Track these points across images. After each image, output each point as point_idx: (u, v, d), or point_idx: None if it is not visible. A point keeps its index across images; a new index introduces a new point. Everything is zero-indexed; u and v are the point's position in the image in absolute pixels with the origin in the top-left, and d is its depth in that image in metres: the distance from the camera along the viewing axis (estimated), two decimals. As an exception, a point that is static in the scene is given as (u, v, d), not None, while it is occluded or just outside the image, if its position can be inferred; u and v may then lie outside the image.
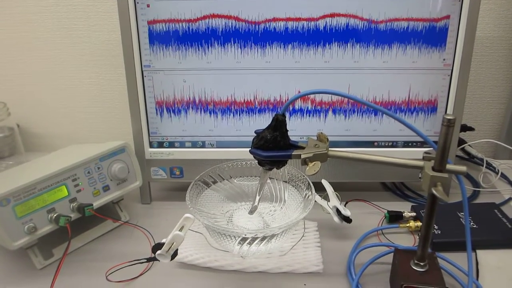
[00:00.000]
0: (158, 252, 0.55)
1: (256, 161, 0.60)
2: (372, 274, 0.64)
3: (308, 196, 0.67)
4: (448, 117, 0.49)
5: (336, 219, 0.72)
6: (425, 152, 0.55)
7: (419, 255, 0.57)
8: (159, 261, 0.56)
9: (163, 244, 0.55)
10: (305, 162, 0.56)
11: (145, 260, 0.56)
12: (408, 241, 0.72)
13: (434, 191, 0.49)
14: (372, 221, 0.77)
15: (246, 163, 0.75)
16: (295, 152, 0.57)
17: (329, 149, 0.56)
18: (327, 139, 0.59)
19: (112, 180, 0.74)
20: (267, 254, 0.67)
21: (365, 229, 0.74)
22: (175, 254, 0.56)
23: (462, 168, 0.52)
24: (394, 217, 0.76)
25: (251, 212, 0.67)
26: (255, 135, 0.60)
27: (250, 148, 0.59)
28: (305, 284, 0.63)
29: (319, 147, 0.57)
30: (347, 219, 0.71)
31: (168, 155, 0.82)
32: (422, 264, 0.56)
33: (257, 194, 0.64)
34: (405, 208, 0.78)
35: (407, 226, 0.74)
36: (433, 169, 0.51)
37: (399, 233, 0.74)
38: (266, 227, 0.70)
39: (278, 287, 0.63)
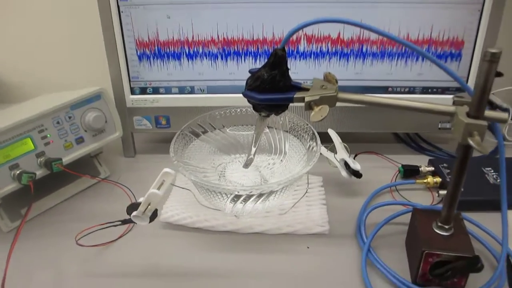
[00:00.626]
0: (134, 213, 0.46)
1: (251, 107, 0.50)
2: (384, 236, 0.56)
3: (313, 148, 0.57)
4: (492, 51, 0.39)
5: (344, 173, 0.63)
6: (456, 96, 0.45)
7: (443, 216, 0.48)
8: (135, 223, 0.48)
9: (139, 204, 0.46)
10: (309, 106, 0.46)
11: (120, 223, 0.48)
12: (425, 199, 0.63)
13: (470, 142, 0.39)
14: (385, 176, 0.68)
15: (241, 111, 0.65)
16: (297, 95, 0.47)
17: (339, 92, 0.46)
18: (336, 80, 0.49)
19: (87, 131, 0.64)
20: (265, 213, 0.59)
21: (376, 185, 0.65)
22: (154, 215, 0.47)
23: (503, 115, 0.42)
24: (410, 172, 0.68)
25: (246, 165, 0.58)
26: (250, 75, 0.50)
27: (244, 91, 0.49)
28: (308, 247, 0.55)
29: (327, 89, 0.47)
30: (357, 174, 0.62)
31: (152, 102, 0.72)
32: (447, 227, 0.48)
33: (253, 145, 0.55)
34: (421, 162, 0.69)
35: (425, 182, 0.65)
36: (468, 115, 0.41)
37: (415, 189, 0.66)
38: (263, 183, 0.61)
39: (278, 250, 0.55)
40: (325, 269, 0.52)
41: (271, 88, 0.47)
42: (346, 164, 0.63)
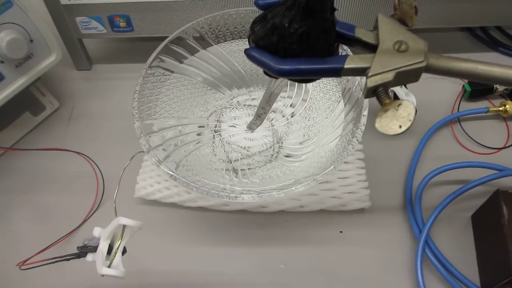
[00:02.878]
0: (91, 260, 0.30)
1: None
2: (450, 216, 0.41)
3: (349, 89, 0.37)
4: None
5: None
6: None
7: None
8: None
9: (94, 247, 0.30)
10: (376, 94, 0.25)
11: (74, 256, 0.32)
12: (500, 134, 0.46)
13: None
14: (444, 96, 0.49)
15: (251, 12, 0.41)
16: (350, 64, 0.25)
17: (433, 55, 0.24)
18: (415, 10, 0.26)
19: (4, 62, 0.42)
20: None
21: (433, 114, 0.46)
22: (124, 252, 0.31)
23: None
24: (479, 92, 0.48)
25: (251, 127, 0.38)
26: (257, 8, 0.27)
27: (247, 49, 0.26)
28: (341, 232, 0.41)
29: (408, 51, 0.24)
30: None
31: (98, -5, 0.46)
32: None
33: (260, 108, 0.34)
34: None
35: (500, 111, 0.46)
36: None
37: (488, 119, 0.47)
38: (277, 144, 0.42)
39: (297, 237, 0.41)
40: (362, 265, 0.39)
41: (300, 51, 0.25)
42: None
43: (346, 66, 0.25)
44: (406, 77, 0.25)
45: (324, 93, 0.41)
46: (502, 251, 0.34)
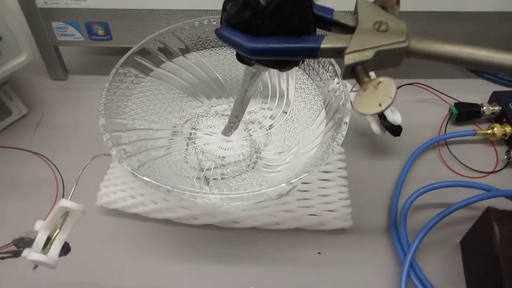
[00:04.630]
0: (29, 254, 0.26)
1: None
2: (435, 236, 0.38)
3: (335, 91, 0.35)
4: None
5: (375, 127, 0.42)
6: None
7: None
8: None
9: (32, 240, 0.26)
10: (354, 73, 0.23)
11: (11, 255, 0.28)
12: (487, 158, 0.44)
13: None
14: (430, 119, 0.47)
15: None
16: (327, 43, 0.23)
17: (414, 38, 0.23)
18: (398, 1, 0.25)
19: (-31, 58, 0.40)
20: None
21: (419, 136, 0.45)
22: (65, 248, 0.28)
23: None
24: (465, 115, 0.47)
25: (227, 133, 0.36)
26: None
27: (218, 28, 0.25)
28: (319, 253, 0.38)
29: (388, 32, 0.23)
30: (395, 130, 0.41)
31: (77, 0, 0.45)
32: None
33: (239, 107, 0.32)
34: (480, 92, 0.48)
35: (488, 134, 0.44)
36: None
37: (475, 142, 0.45)
38: (254, 154, 0.40)
39: (271, 258, 0.37)
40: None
41: (275, 27, 0.23)
42: (381, 115, 0.41)
43: (322, 45, 0.23)
44: (387, 59, 0.23)
45: (305, 103, 0.39)
46: (495, 275, 0.31)
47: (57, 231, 0.25)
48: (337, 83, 0.35)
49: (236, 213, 0.37)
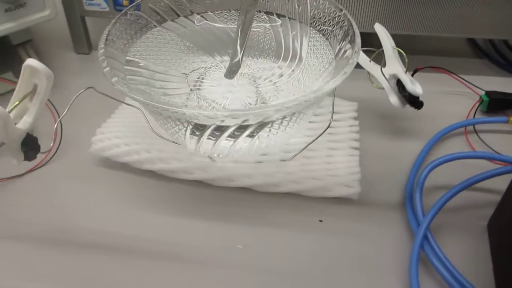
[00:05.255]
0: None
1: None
2: (454, 213, 0.33)
3: (345, 52, 0.32)
4: None
5: (393, 99, 0.39)
6: None
7: None
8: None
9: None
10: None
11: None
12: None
13: None
14: (457, 108, 0.43)
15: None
16: None
17: None
18: None
19: (-5, 3, 0.41)
20: (258, 155, 0.36)
21: (443, 123, 0.41)
22: (33, 148, 0.26)
23: None
24: (498, 103, 0.42)
25: (229, 74, 0.34)
26: None
27: None
28: (321, 221, 0.33)
29: None
30: (415, 101, 0.38)
31: (105, -34, 0.47)
32: None
33: (238, 41, 0.30)
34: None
35: (523, 123, 0.40)
36: None
37: (507, 132, 0.41)
38: (258, 105, 0.37)
39: (268, 221, 0.33)
40: (343, 263, 0.30)
41: None
42: (400, 84, 0.38)
43: None
44: None
45: (317, 58, 0.37)
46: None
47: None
48: (347, 40, 0.33)
49: (231, 170, 0.34)
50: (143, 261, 0.30)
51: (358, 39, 0.32)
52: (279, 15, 0.39)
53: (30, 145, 0.25)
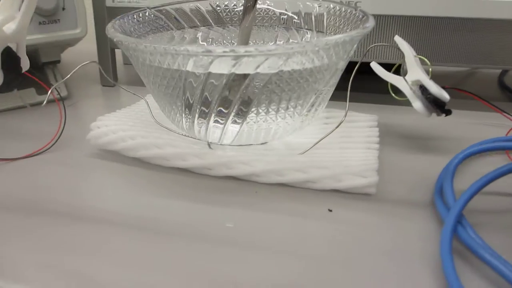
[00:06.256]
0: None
1: None
2: (491, 201, 0.27)
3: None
4: None
5: (417, 105, 0.35)
6: None
7: None
8: None
9: None
10: None
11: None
12: None
13: None
14: (491, 133, 0.39)
15: None
16: None
17: None
18: None
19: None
20: (263, 149, 0.33)
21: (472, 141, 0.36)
22: (13, 68, 0.24)
23: None
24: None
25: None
26: None
27: None
28: (330, 210, 0.28)
29: None
30: (442, 106, 0.34)
31: (138, 0, 0.50)
32: None
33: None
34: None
35: None
36: None
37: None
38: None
39: (270, 208, 0.28)
40: (356, 251, 0.24)
41: None
42: (423, 90, 0.35)
43: None
44: None
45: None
46: None
47: None
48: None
49: (230, 157, 0.31)
50: (128, 235, 0.26)
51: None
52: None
53: (10, 63, 0.23)
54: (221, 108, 0.29)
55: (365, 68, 0.36)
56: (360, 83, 0.38)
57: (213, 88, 0.28)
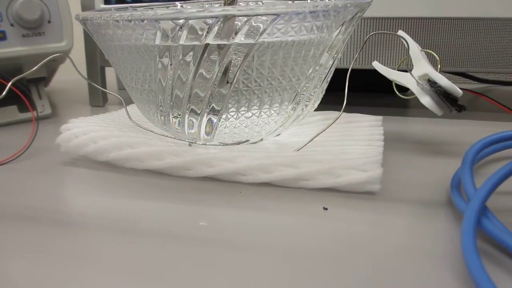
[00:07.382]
0: None
1: None
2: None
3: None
4: None
5: (426, 99, 0.31)
6: None
7: None
8: None
9: None
10: None
11: None
12: None
13: None
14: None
15: None
16: None
17: None
18: None
19: (14, 26, 0.42)
20: (252, 145, 0.29)
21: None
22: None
23: None
24: None
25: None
26: None
27: None
28: (325, 208, 0.23)
29: None
30: (454, 101, 0.30)
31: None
32: None
33: None
34: None
35: None
36: None
37: None
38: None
39: (256, 206, 0.24)
40: (361, 250, 0.19)
41: None
42: (432, 84, 0.31)
43: None
44: None
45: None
46: None
47: None
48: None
49: (211, 154, 0.27)
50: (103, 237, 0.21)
51: None
52: None
53: None
54: (197, 90, 0.25)
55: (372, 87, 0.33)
56: (368, 100, 0.35)
57: (186, 69, 0.24)
